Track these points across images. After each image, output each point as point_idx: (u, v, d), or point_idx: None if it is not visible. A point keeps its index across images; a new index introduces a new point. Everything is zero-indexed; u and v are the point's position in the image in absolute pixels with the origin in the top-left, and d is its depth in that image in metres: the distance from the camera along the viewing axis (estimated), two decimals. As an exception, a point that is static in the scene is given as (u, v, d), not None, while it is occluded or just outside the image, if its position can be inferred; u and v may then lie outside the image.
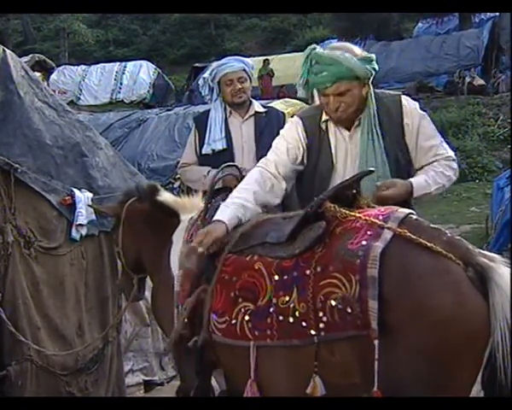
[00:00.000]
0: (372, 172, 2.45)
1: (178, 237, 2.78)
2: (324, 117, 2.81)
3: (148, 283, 4.31)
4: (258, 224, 2.49)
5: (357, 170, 2.67)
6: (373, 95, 2.77)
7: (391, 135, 2.76)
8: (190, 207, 2.93)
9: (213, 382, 2.69)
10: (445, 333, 1.92)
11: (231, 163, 3.24)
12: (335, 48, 2.73)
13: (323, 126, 2.82)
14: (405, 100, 2.84)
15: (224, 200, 2.67)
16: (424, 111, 2.90)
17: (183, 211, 2.92)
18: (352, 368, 2.06)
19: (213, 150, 3.85)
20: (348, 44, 2.79)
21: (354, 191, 2.37)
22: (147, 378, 4.52)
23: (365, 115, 2.75)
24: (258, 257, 2.33)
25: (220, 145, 3.84)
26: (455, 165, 2.86)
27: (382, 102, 2.79)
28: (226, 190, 2.86)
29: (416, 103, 2.88)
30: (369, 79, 2.72)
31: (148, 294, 4.51)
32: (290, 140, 2.82)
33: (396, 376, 1.96)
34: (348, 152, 2.79)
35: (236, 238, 2.43)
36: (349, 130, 2.80)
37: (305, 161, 2.83)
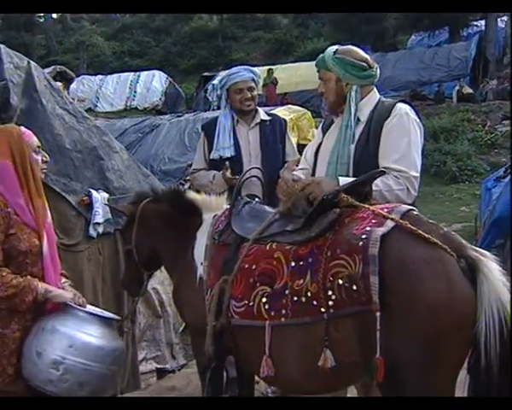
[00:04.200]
0: (384, 172, 2.50)
1: (203, 234, 2.80)
2: None
3: (159, 277, 4.33)
4: (279, 218, 2.55)
5: (328, 155, 2.86)
6: (354, 98, 2.83)
7: (371, 128, 2.79)
8: (215, 206, 2.94)
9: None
10: (436, 318, 1.95)
11: (255, 166, 3.32)
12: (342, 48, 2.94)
13: (334, 119, 3.00)
14: (402, 105, 2.83)
15: (248, 199, 2.82)
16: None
17: (206, 210, 2.92)
18: (352, 346, 2.09)
19: (221, 156, 3.84)
20: (353, 48, 2.96)
21: (367, 189, 2.44)
22: (159, 366, 4.52)
23: (345, 112, 2.86)
24: (277, 245, 2.39)
25: (229, 153, 3.82)
26: (404, 181, 2.64)
27: (383, 104, 2.87)
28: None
29: (412, 114, 2.80)
30: (346, 79, 2.83)
31: (159, 287, 4.54)
32: (314, 140, 3.12)
33: (392, 355, 1.98)
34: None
35: (260, 229, 2.51)
36: None
37: None
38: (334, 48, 2.91)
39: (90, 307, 2.71)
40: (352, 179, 2.56)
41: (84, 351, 2.43)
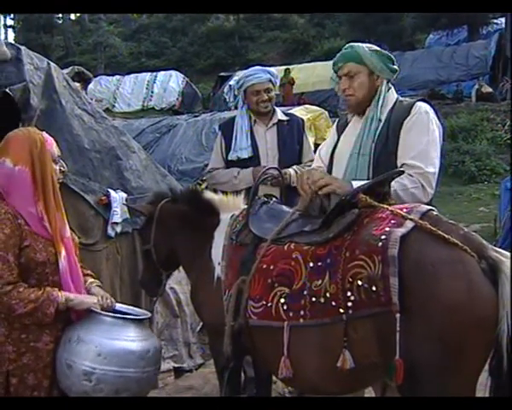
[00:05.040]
0: (403, 172, 2.48)
1: (220, 234, 2.80)
2: None
3: (177, 277, 4.35)
4: (297, 218, 2.54)
5: (348, 154, 2.81)
6: (383, 92, 2.82)
7: (390, 127, 2.76)
8: (232, 206, 2.93)
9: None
10: (456, 319, 1.92)
11: (273, 166, 3.30)
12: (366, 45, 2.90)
13: (350, 118, 2.97)
14: (422, 104, 2.81)
15: (266, 199, 2.80)
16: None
17: (224, 210, 2.92)
18: (371, 346, 2.07)
19: (239, 157, 3.83)
20: (373, 46, 2.91)
21: (385, 190, 2.40)
22: (176, 365, 4.53)
23: (373, 105, 2.82)
24: (295, 245, 2.37)
25: (246, 153, 3.82)
26: (418, 178, 2.61)
27: (401, 103, 2.84)
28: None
29: (432, 113, 2.77)
30: (381, 72, 2.81)
31: (177, 287, 4.56)
32: (329, 138, 3.09)
33: (411, 357, 1.97)
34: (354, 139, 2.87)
35: (278, 230, 2.49)
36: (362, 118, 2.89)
37: None
38: (357, 44, 2.87)
39: (120, 306, 2.64)
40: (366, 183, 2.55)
41: (114, 358, 2.34)
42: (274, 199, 2.91)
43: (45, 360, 2.39)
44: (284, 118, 4.00)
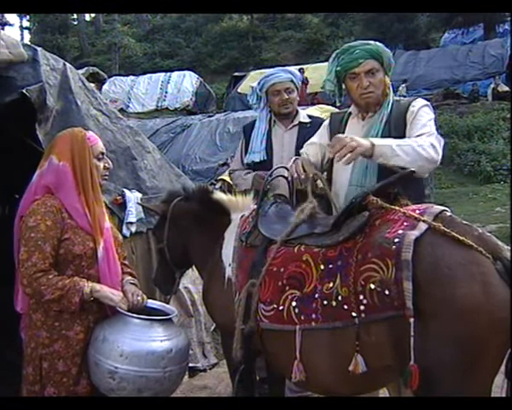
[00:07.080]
0: (414, 172, 2.47)
1: (230, 234, 2.80)
2: (349, 110, 2.96)
3: (191, 277, 4.37)
4: (307, 219, 2.52)
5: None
6: (391, 91, 2.86)
7: (395, 125, 2.77)
8: (242, 206, 2.93)
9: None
10: (472, 321, 1.91)
11: (281, 165, 3.29)
12: None
13: (345, 118, 2.96)
14: (420, 98, 2.86)
15: (275, 199, 2.79)
16: (450, 115, 2.84)
17: (234, 210, 2.92)
18: (385, 350, 2.06)
19: (253, 161, 3.79)
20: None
21: (396, 190, 2.39)
22: (191, 365, 4.52)
23: (384, 104, 2.83)
24: (306, 248, 2.36)
25: (258, 157, 3.76)
26: (428, 139, 2.62)
27: (399, 103, 2.87)
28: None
29: (429, 104, 2.82)
30: (389, 71, 2.85)
31: (191, 287, 4.57)
32: (319, 135, 3.09)
33: (427, 360, 1.95)
34: None
35: (288, 231, 2.48)
36: (363, 119, 2.89)
37: None
38: (368, 41, 2.88)
39: (151, 303, 2.71)
40: (386, 141, 2.57)
41: (135, 359, 2.41)
42: (283, 199, 2.89)
43: (75, 349, 2.51)
44: (307, 120, 3.92)
